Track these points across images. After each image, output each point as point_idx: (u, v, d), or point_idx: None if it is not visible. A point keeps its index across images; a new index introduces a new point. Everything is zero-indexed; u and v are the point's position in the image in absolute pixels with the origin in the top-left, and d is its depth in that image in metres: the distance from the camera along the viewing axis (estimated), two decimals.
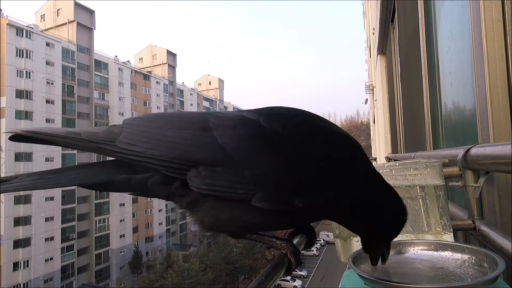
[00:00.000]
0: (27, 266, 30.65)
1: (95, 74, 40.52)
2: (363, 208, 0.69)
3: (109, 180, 0.69)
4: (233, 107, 67.52)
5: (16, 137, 0.70)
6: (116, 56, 44.69)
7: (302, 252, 0.79)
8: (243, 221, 0.67)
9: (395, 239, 0.71)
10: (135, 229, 41.84)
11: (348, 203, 0.68)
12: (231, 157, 0.64)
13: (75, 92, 38.07)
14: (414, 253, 0.73)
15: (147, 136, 0.67)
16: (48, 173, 0.69)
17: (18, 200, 30.82)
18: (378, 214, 0.69)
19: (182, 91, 56.66)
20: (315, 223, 1.00)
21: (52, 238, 32.81)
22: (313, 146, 0.66)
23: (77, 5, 39.26)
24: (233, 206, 0.65)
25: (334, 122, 0.77)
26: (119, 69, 43.39)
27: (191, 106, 57.01)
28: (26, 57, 32.68)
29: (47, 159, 33.62)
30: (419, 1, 2.42)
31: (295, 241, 0.82)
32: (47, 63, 34.72)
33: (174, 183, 0.67)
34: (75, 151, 36.96)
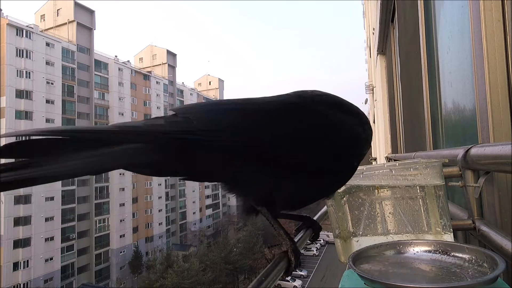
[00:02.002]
0: (27, 266, 30.64)
1: (95, 74, 40.50)
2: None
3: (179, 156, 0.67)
4: None
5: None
6: (116, 56, 44.70)
7: (302, 252, 0.80)
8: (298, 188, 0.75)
9: (395, 239, 0.71)
10: (135, 229, 41.83)
11: None
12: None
13: (75, 92, 38.06)
14: (414, 253, 0.73)
15: (230, 121, 0.69)
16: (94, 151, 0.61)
17: (18, 200, 30.80)
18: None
19: (182, 91, 56.65)
20: (318, 220, 1.01)
21: (52, 238, 32.79)
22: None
23: (77, 5, 39.24)
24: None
25: None
26: (119, 69, 43.38)
27: None
28: (26, 57, 32.67)
29: None
30: (419, 1, 2.42)
31: (296, 239, 0.83)
32: (47, 63, 34.71)
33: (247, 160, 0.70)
34: None
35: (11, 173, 0.50)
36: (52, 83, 35.00)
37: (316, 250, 41.25)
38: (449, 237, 0.91)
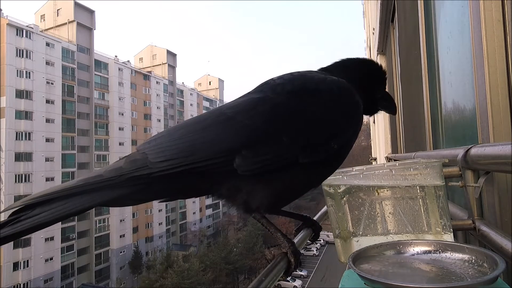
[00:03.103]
0: (27, 266, 30.65)
1: (95, 74, 40.50)
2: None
3: (140, 190, 0.73)
4: None
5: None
6: (116, 56, 44.71)
7: (302, 252, 0.80)
8: (290, 189, 0.75)
9: (395, 239, 0.71)
10: (135, 229, 41.84)
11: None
12: (264, 132, 0.70)
13: (75, 92, 38.06)
14: (414, 253, 0.73)
15: (176, 147, 0.71)
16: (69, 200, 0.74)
17: (18, 200, 30.77)
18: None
19: (182, 91, 56.64)
20: (318, 220, 1.01)
21: (52, 238, 32.79)
22: (319, 100, 0.75)
23: (77, 5, 39.25)
24: (278, 176, 0.72)
25: None
26: (119, 69, 43.38)
27: (191, 106, 57.00)
28: (26, 57, 32.67)
29: (47, 159, 33.62)
30: (419, 1, 2.42)
31: (295, 241, 0.83)
32: (47, 63, 34.71)
33: (217, 175, 0.71)
34: (74, 151, 37.02)
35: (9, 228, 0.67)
36: (52, 83, 35.00)
37: (316, 250, 41.23)
38: (449, 237, 0.91)
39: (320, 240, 42.41)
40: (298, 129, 0.71)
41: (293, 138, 0.70)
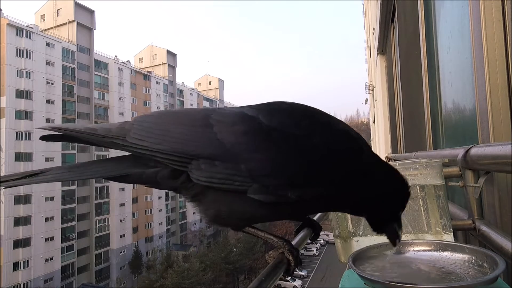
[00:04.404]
0: (27, 266, 30.64)
1: (95, 74, 40.50)
2: (364, 188, 0.70)
3: (126, 174, 0.75)
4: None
5: (45, 137, 0.78)
6: (116, 56, 44.69)
7: (302, 252, 0.80)
8: (242, 212, 0.70)
9: None
10: (135, 229, 41.81)
11: (346, 191, 0.69)
12: (228, 151, 0.68)
13: (75, 92, 38.05)
14: (414, 253, 0.73)
15: (153, 131, 0.72)
16: (74, 167, 0.77)
17: (18, 200, 30.81)
18: (379, 191, 0.71)
19: (182, 91, 56.64)
20: (318, 220, 1.00)
21: (52, 238, 32.79)
22: (310, 142, 0.68)
23: (77, 5, 39.23)
24: (233, 198, 0.69)
25: None
26: (119, 69, 43.37)
27: (191, 106, 56.97)
28: (26, 57, 32.67)
29: (47, 159, 33.61)
30: (419, 1, 2.42)
31: (294, 241, 0.83)
32: (47, 63, 34.70)
33: (180, 176, 0.71)
34: (74, 151, 37.00)
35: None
36: (52, 83, 35.00)
37: (316, 250, 41.24)
38: (449, 237, 0.91)
39: (320, 240, 42.43)
40: (259, 163, 0.67)
41: (251, 171, 0.66)
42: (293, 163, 0.67)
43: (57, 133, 0.76)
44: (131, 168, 0.75)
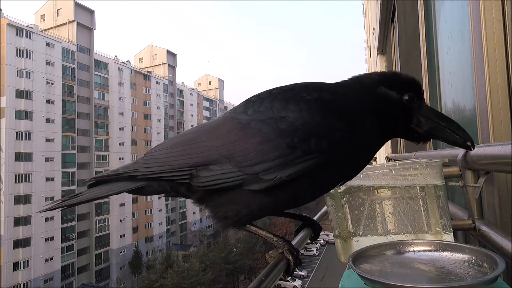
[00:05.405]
0: (27, 266, 30.64)
1: (95, 74, 40.49)
2: (358, 120, 0.73)
3: (142, 186, 0.86)
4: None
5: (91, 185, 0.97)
6: (116, 56, 44.68)
7: (302, 252, 0.80)
8: (247, 206, 0.74)
9: (395, 239, 0.71)
10: (135, 229, 41.81)
11: (349, 142, 0.71)
12: (217, 154, 0.75)
13: (75, 92, 38.04)
14: (414, 253, 0.73)
15: (157, 158, 0.85)
16: (105, 186, 0.92)
17: (18, 200, 30.81)
18: (368, 104, 0.75)
19: (182, 91, 56.62)
20: (318, 220, 1.00)
21: (52, 238, 32.79)
22: (285, 121, 0.71)
23: (77, 5, 39.22)
24: (234, 195, 0.74)
25: None
26: (119, 69, 43.37)
27: (191, 106, 56.99)
28: (26, 57, 32.67)
29: (47, 159, 33.62)
30: (419, 1, 2.42)
31: (294, 241, 0.83)
32: (47, 63, 34.70)
33: (184, 186, 0.80)
34: (74, 151, 37.01)
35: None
36: (52, 83, 34.99)
37: (316, 250, 41.22)
38: (449, 237, 0.91)
39: (320, 240, 42.40)
40: (242, 155, 0.72)
41: (238, 164, 0.72)
42: (272, 146, 0.70)
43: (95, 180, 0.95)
44: (145, 182, 0.87)
